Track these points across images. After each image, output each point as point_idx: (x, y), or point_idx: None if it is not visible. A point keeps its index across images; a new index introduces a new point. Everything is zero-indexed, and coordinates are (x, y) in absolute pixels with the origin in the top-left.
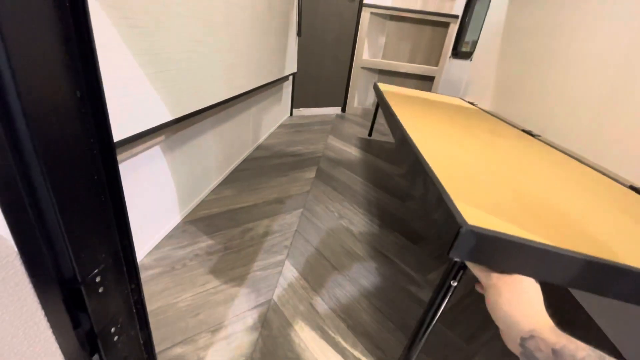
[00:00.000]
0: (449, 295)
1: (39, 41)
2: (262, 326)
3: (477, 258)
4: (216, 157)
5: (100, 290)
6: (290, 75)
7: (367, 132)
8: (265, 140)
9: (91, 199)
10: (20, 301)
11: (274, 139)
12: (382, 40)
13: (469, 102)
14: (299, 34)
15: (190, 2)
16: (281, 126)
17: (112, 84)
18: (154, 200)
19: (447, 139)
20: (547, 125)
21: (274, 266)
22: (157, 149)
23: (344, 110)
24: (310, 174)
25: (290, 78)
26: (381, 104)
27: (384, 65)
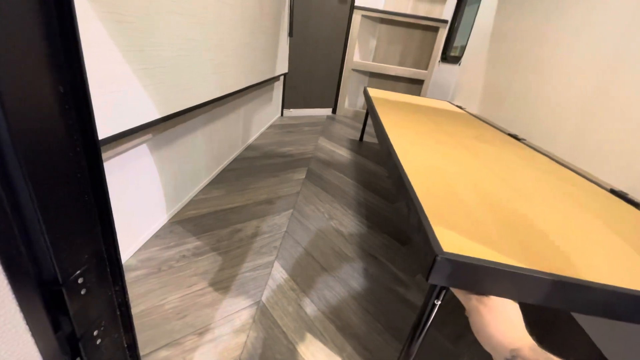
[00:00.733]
0: (434, 313)
1: (19, 34)
2: (251, 328)
3: (454, 283)
4: (205, 156)
5: (83, 292)
6: (281, 75)
7: (358, 135)
8: (255, 140)
9: (73, 198)
10: None
11: (264, 139)
12: (372, 43)
13: (457, 106)
14: (290, 34)
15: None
16: (271, 126)
17: (97, 80)
18: (141, 200)
19: (432, 148)
20: (532, 130)
21: (262, 267)
22: (144, 147)
23: (334, 112)
24: (300, 175)
25: (281, 78)
26: (370, 109)
27: (374, 68)
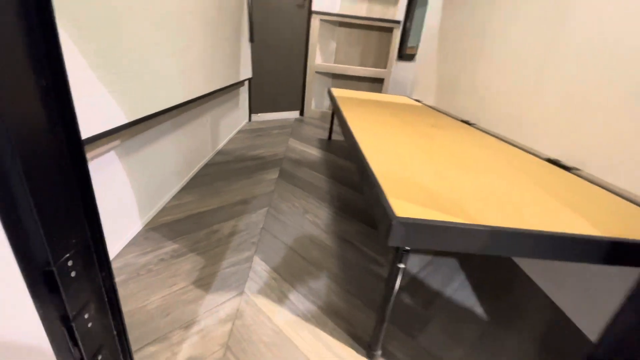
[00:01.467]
0: (399, 277)
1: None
2: (236, 317)
3: (410, 243)
4: (176, 162)
5: (73, 275)
6: (246, 80)
7: (327, 134)
8: (224, 145)
9: (60, 186)
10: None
11: (234, 144)
12: (333, 46)
13: (415, 100)
14: (251, 39)
15: (142, 6)
16: (240, 132)
17: None
18: (112, 208)
19: (392, 136)
20: (481, 115)
21: (243, 262)
22: (112, 154)
23: (302, 114)
24: (273, 175)
25: (246, 84)
26: (334, 108)
27: (336, 70)
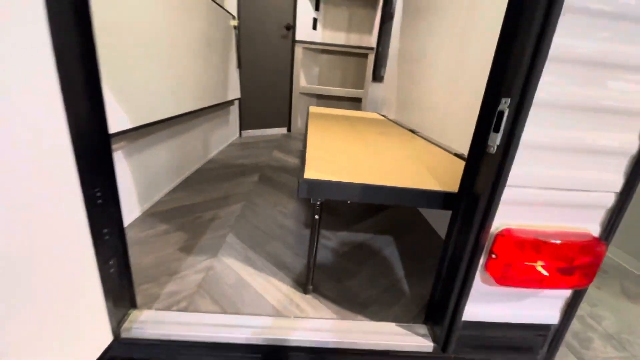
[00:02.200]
0: (317, 226)
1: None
2: (209, 269)
3: (312, 195)
4: (170, 165)
5: (99, 202)
6: (235, 100)
7: None
8: (214, 155)
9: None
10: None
11: (223, 154)
12: (316, 70)
13: (382, 115)
14: (239, 66)
15: (143, 45)
16: (230, 145)
17: None
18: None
19: (337, 139)
20: (422, 124)
21: (219, 238)
22: (119, 153)
23: (289, 130)
24: (254, 178)
25: (237, 103)
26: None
27: (319, 91)
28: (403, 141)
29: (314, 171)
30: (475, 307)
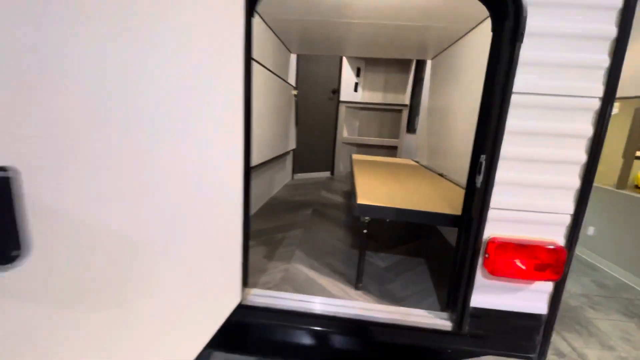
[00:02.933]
0: (365, 237)
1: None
2: (286, 270)
3: (365, 214)
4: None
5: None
6: (291, 150)
7: (349, 187)
8: (275, 193)
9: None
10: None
11: (281, 193)
12: (356, 123)
13: (415, 161)
14: (296, 123)
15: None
16: (285, 185)
17: None
18: None
19: (377, 179)
20: (448, 168)
21: (289, 251)
22: None
23: (332, 174)
24: (308, 211)
25: (291, 152)
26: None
27: (358, 140)
28: (431, 183)
29: (363, 199)
30: (480, 296)
